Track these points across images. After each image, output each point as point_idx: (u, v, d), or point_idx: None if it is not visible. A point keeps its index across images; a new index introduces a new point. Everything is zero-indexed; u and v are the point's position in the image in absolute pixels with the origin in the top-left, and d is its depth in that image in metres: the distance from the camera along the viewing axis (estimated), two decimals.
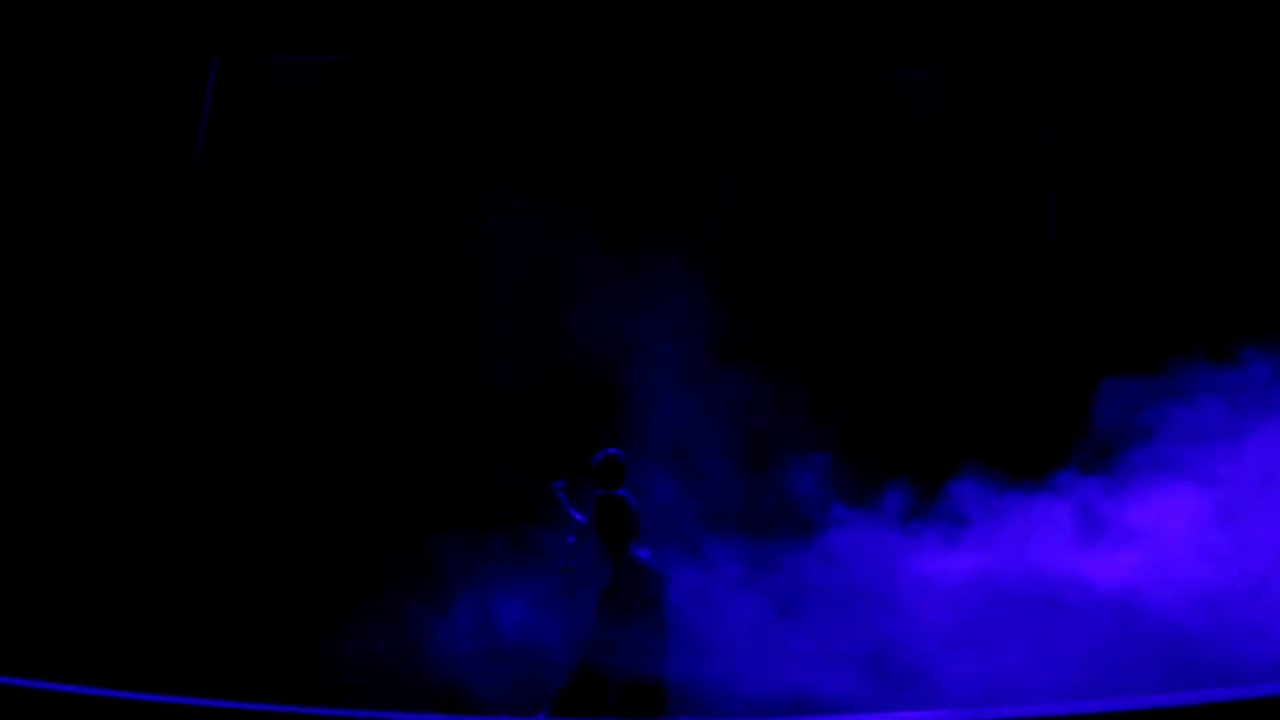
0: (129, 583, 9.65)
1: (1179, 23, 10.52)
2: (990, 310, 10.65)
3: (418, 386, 10.40)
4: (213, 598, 9.68)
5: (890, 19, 10.60)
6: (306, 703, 7.74)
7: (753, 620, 8.73)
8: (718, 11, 10.61)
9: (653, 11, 10.61)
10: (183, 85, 10.46)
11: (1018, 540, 8.64)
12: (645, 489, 8.76)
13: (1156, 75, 10.81)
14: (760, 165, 10.80)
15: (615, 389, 10.12)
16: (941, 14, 10.58)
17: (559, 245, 10.28)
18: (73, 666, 8.26)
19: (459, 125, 10.76)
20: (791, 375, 10.25)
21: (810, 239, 10.75)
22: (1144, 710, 6.29)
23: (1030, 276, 10.74)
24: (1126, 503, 8.62)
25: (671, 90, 10.86)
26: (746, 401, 9.94)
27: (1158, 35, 10.62)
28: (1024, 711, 6.88)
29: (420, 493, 10.14)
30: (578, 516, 8.37)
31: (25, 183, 10.28)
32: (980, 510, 8.84)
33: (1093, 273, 10.63)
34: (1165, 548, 8.38)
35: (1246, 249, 10.37)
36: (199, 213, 10.48)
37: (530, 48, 10.72)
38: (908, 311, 10.64)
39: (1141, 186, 10.67)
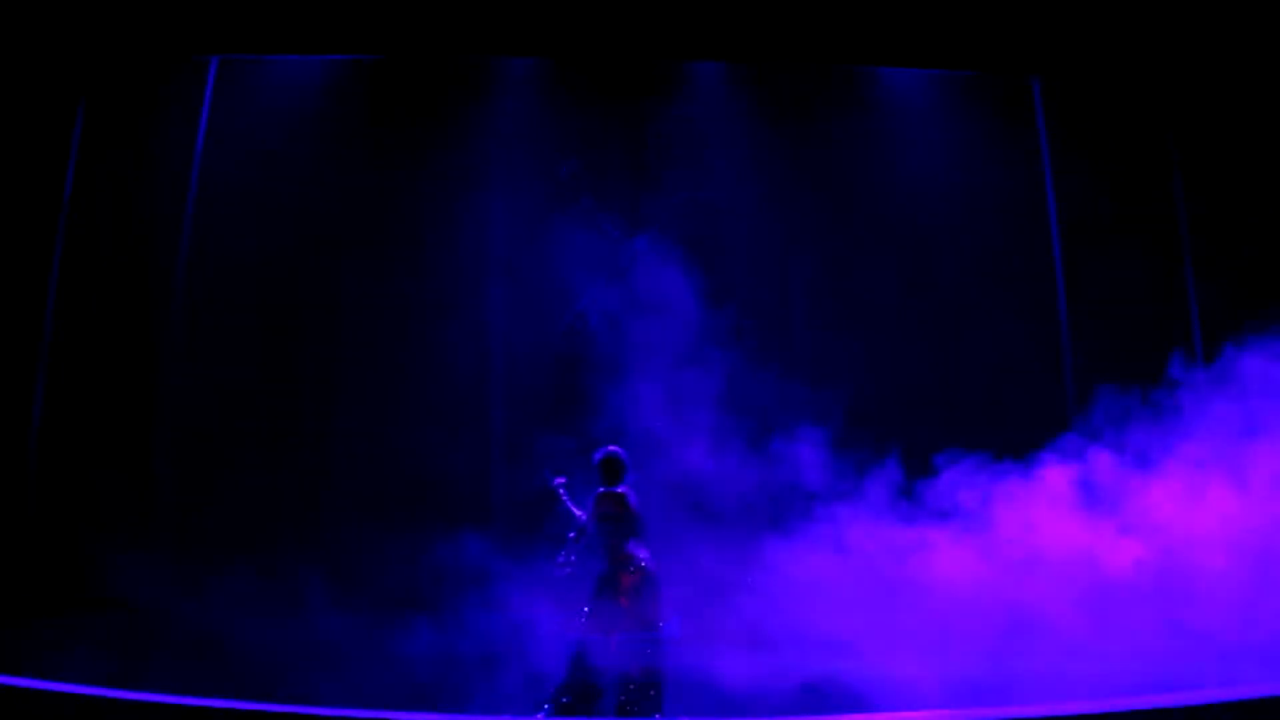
0: None
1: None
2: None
3: (414, 385, 10.39)
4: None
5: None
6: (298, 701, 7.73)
7: (746, 614, 8.72)
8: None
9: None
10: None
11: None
12: (644, 483, 8.75)
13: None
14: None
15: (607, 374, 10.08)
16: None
17: (548, 231, 10.21)
18: None
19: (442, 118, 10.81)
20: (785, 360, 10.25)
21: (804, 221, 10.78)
22: (1144, 710, 6.29)
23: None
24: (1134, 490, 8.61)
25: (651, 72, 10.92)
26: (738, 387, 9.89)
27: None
28: (1024, 712, 6.87)
29: (417, 490, 10.11)
30: (579, 513, 8.39)
31: None
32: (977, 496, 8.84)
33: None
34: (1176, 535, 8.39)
35: None
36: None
37: (521, 41, 10.73)
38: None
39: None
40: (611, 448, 8.46)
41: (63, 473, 9.99)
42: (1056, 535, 8.53)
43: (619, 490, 8.32)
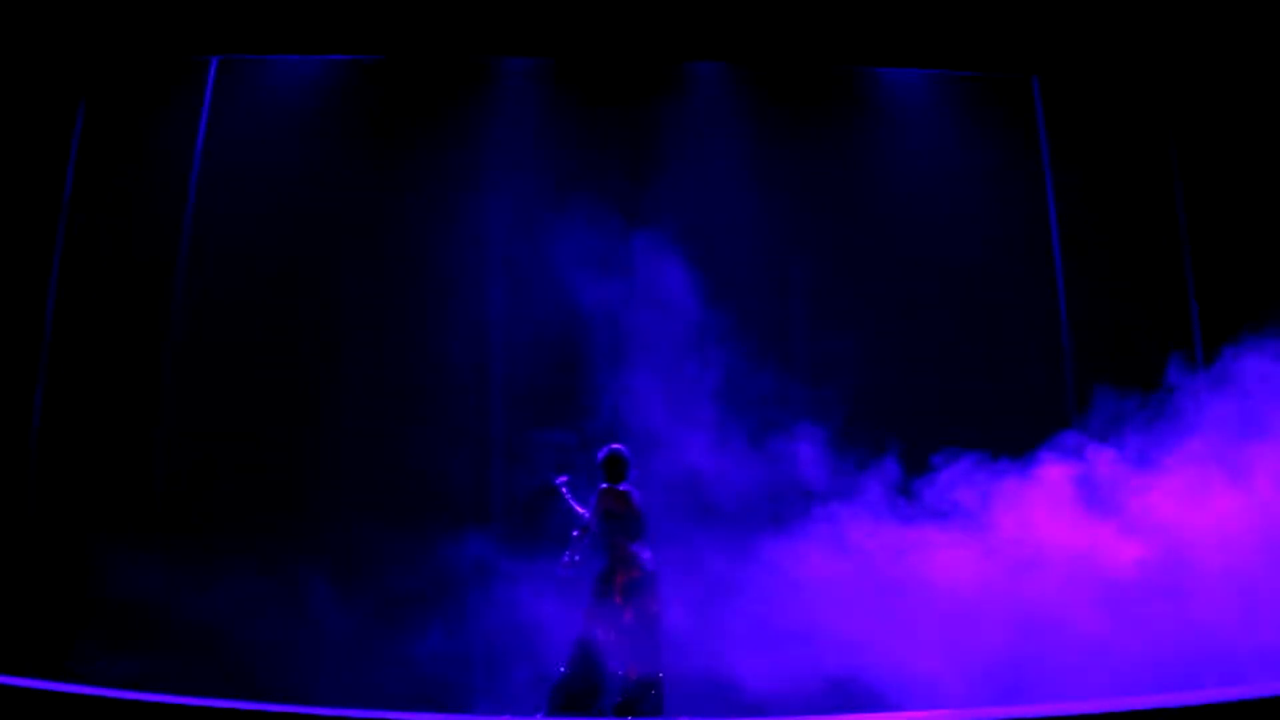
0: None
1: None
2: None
3: (414, 385, 10.38)
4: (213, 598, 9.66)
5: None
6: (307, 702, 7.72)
7: (743, 615, 8.71)
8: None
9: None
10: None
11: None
12: (644, 481, 8.72)
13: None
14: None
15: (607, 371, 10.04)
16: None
17: (548, 230, 10.20)
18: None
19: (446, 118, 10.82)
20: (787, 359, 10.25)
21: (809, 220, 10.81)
22: (1144, 711, 6.29)
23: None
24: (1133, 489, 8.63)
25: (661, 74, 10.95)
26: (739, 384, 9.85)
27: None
28: (1023, 712, 6.87)
29: (417, 488, 10.10)
30: (582, 511, 8.38)
31: None
32: (978, 495, 8.85)
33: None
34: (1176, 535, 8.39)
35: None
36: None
37: (522, 40, 10.73)
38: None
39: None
40: (615, 445, 8.48)
41: (63, 473, 9.99)
42: (1058, 535, 8.53)
43: (622, 488, 8.32)
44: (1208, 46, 10.57)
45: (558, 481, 8.52)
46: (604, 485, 8.34)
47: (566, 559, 8.28)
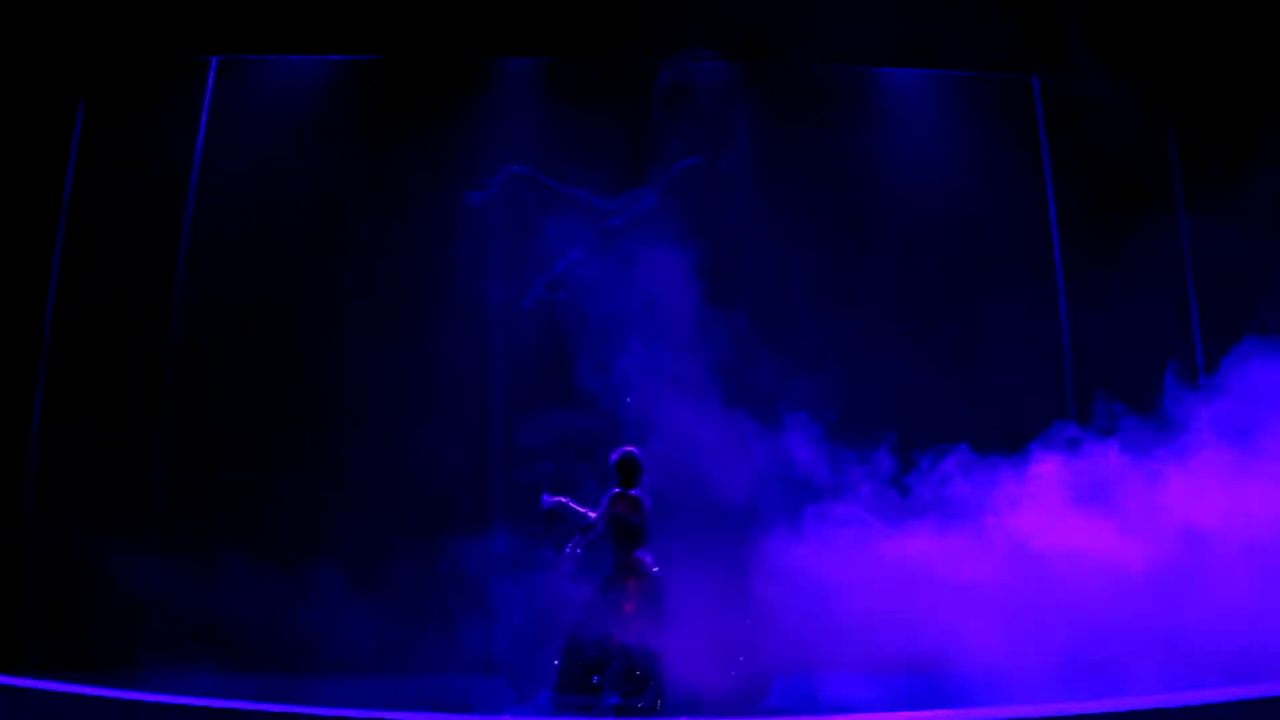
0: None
1: None
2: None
3: (414, 383, 10.39)
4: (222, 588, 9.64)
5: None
6: (308, 700, 7.72)
7: (743, 611, 8.72)
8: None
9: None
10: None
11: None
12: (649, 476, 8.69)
13: None
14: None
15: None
16: None
17: (547, 228, 10.20)
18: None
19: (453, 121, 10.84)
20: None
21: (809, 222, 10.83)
22: (1144, 711, 6.29)
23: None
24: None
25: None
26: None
27: None
28: (1024, 712, 6.87)
29: (417, 487, 10.10)
30: (584, 511, 8.36)
31: None
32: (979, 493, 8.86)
33: None
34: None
35: None
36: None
37: (521, 40, 10.75)
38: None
39: None
40: (629, 448, 8.46)
41: (63, 473, 9.99)
42: (1061, 532, 8.54)
43: (634, 494, 8.31)
44: (1207, 46, 10.57)
45: (549, 502, 8.45)
46: (616, 490, 8.34)
47: (569, 551, 8.29)
